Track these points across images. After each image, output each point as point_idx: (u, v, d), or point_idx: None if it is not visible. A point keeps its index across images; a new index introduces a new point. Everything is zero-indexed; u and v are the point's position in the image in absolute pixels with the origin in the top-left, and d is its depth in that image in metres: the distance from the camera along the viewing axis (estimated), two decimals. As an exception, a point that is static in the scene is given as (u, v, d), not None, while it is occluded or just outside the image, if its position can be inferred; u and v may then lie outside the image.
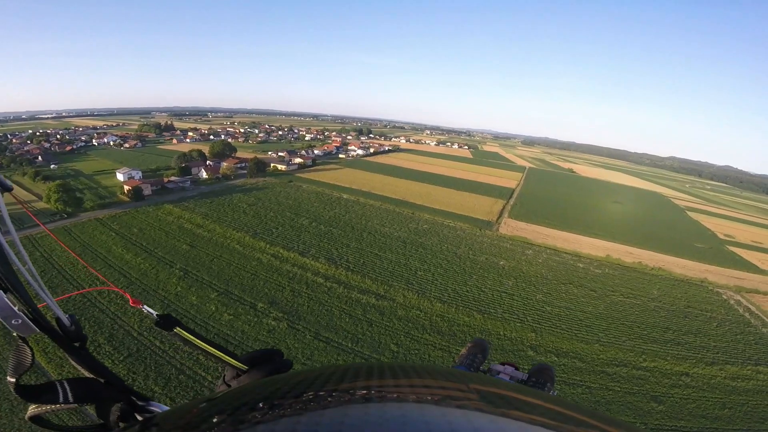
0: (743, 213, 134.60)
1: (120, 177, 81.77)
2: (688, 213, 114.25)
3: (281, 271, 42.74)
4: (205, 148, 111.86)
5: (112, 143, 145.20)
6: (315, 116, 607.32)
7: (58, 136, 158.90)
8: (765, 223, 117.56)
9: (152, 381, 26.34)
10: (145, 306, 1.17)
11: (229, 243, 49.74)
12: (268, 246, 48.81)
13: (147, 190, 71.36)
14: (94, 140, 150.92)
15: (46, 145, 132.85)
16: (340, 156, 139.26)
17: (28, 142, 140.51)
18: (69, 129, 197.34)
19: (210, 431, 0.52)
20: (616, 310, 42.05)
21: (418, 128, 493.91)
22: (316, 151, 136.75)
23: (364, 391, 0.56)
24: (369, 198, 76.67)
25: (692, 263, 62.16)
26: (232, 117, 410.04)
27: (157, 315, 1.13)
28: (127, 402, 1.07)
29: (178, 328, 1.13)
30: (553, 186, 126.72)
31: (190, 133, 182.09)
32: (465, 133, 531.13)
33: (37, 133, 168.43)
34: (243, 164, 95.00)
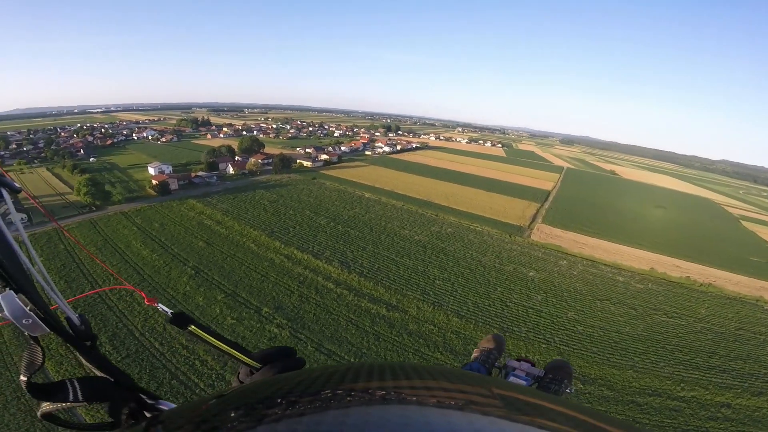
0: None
1: (151, 171, 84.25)
2: (743, 222, 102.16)
3: (292, 273, 41.06)
4: (236, 144, 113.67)
5: (150, 137, 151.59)
6: (347, 113, 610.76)
7: (102, 130, 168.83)
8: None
9: (144, 384, 25.30)
10: (160, 304, 1.18)
11: (244, 241, 48.86)
12: (282, 246, 47.40)
13: (174, 185, 72.65)
14: (134, 134, 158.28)
15: (90, 138, 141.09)
16: (367, 153, 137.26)
17: (75, 135, 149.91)
18: (114, 123, 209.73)
19: (217, 428, 0.51)
20: (657, 331, 37.36)
21: (450, 126, 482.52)
22: (342, 148, 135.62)
23: (374, 392, 0.55)
24: (391, 198, 73.89)
25: (746, 279, 55.16)
26: (267, 113, 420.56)
27: (171, 313, 1.14)
28: (137, 401, 1.08)
29: (192, 326, 1.13)
30: (593, 189, 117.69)
31: (225, 129, 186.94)
32: (499, 130, 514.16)
33: (84, 127, 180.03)
34: (270, 160, 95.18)
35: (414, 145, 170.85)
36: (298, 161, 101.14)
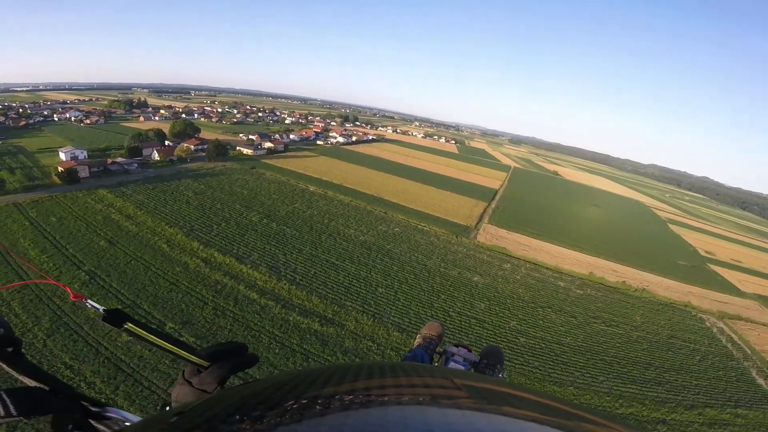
0: (721, 228, 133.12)
1: (62, 156, 71.49)
2: (670, 226, 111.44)
3: (208, 281, 35.11)
4: (168, 128, 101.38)
5: (73, 119, 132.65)
6: (303, 100, 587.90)
7: (21, 110, 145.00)
8: (742, 240, 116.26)
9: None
10: (88, 301, 1.09)
11: (155, 241, 41.64)
12: (201, 247, 40.95)
13: (84, 172, 61.85)
14: (55, 115, 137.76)
15: (2, 119, 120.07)
16: (318, 143, 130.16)
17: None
18: (36, 103, 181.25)
19: None
20: (597, 341, 36.97)
21: (408, 119, 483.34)
22: (292, 136, 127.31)
23: (342, 397, 0.52)
24: (339, 192, 69.05)
25: (676, 284, 58.60)
26: (216, 96, 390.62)
27: (104, 310, 1.02)
28: (80, 409, 0.97)
29: (128, 324, 1.01)
30: (538, 189, 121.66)
31: (162, 111, 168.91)
32: (454, 127, 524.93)
33: (0, 107, 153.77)
34: (204, 146, 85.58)
35: (370, 137, 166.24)
36: (237, 148, 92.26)
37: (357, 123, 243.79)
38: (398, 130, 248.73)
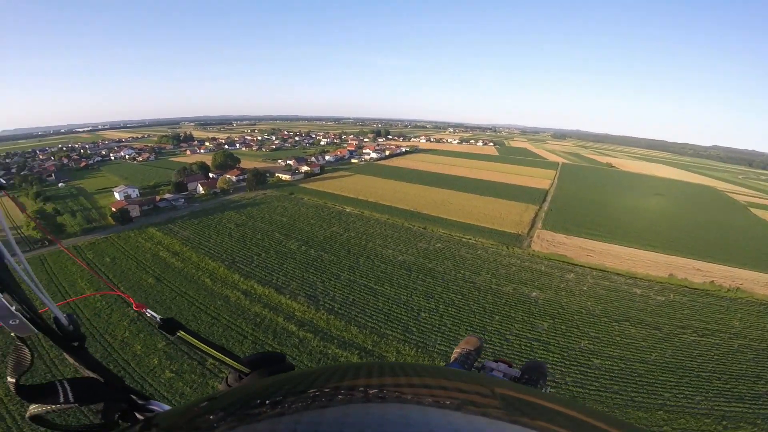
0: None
1: (117, 196, 77.25)
2: (753, 210, 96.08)
3: (248, 314, 34.21)
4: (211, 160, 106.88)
5: (127, 157, 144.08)
6: (337, 120, 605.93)
7: (82, 151, 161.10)
8: None
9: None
10: (149, 310, 1.19)
11: (199, 276, 42.00)
12: (241, 279, 40.55)
13: (135, 212, 65.70)
14: (112, 154, 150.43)
15: (65, 161, 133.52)
16: (353, 161, 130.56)
17: (52, 158, 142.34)
18: (95, 143, 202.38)
19: (210, 431, 0.51)
20: (689, 355, 31.21)
21: (441, 126, 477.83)
22: (327, 157, 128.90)
23: (366, 391, 0.54)
24: (375, 210, 67.08)
25: None
26: (255, 124, 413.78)
27: (160, 319, 1.14)
28: (127, 401, 1.07)
29: (181, 332, 1.13)
30: (593, 184, 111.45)
31: (207, 143, 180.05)
32: (491, 129, 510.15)
33: (64, 148, 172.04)
34: (244, 176, 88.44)
35: (403, 149, 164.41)
36: (276, 175, 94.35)
37: (389, 137, 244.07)
38: (432, 139, 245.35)
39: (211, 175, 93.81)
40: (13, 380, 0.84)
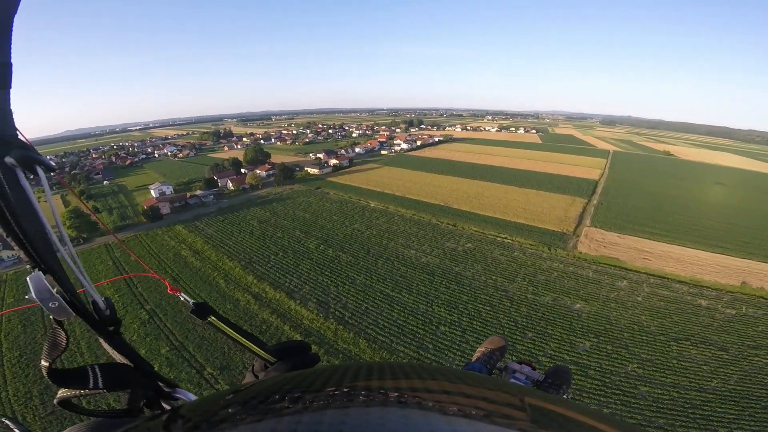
0: None
1: (152, 193, 79.77)
2: None
3: (255, 320, 32.12)
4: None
5: (169, 154, 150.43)
6: (371, 111, 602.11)
7: (131, 149, 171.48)
8: None
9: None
10: (182, 294, 1.18)
11: (214, 277, 40.78)
12: (255, 281, 38.67)
13: (165, 209, 66.86)
14: (156, 152, 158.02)
15: (113, 159, 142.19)
16: (383, 152, 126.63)
17: (102, 157, 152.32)
18: (144, 141, 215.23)
19: (234, 424, 0.51)
20: (758, 382, 25.47)
21: (479, 114, 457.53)
22: (357, 149, 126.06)
23: (387, 394, 0.54)
24: (400, 205, 63.02)
25: None
26: (293, 119, 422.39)
27: (193, 303, 1.13)
28: (155, 388, 1.08)
29: (212, 317, 1.13)
30: (650, 174, 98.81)
31: (244, 139, 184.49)
32: (533, 116, 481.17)
33: (115, 147, 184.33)
34: (274, 171, 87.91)
35: (436, 139, 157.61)
36: (305, 169, 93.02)
37: (422, 126, 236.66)
38: (468, 128, 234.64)
39: (243, 170, 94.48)
40: (47, 363, 0.83)
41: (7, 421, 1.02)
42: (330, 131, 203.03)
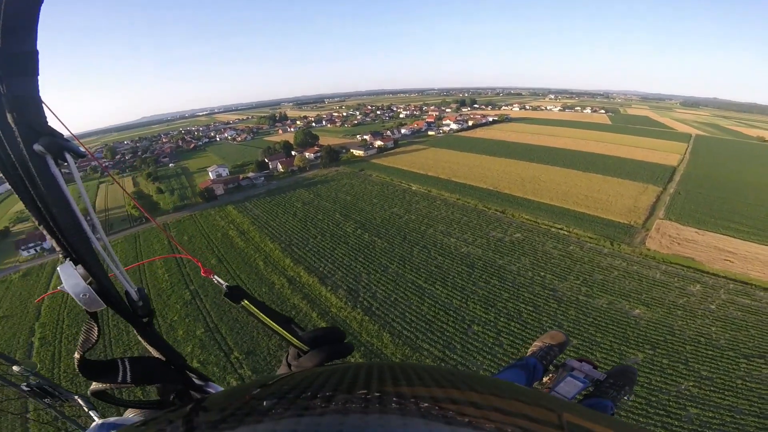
0: None
1: (210, 175, 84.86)
2: None
3: (286, 305, 32.45)
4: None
5: (229, 138, 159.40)
6: (421, 92, 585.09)
7: (196, 134, 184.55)
8: None
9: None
10: (216, 276, 1.14)
11: (255, 258, 42.07)
12: (292, 264, 39.17)
13: (219, 190, 70.73)
14: (217, 136, 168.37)
15: (180, 143, 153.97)
16: (430, 133, 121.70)
17: (170, 141, 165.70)
18: (209, 125, 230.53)
19: (256, 419, 0.50)
20: None
21: (540, 94, 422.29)
22: (403, 131, 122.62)
23: (417, 403, 0.51)
24: (444, 189, 60.01)
25: None
26: (344, 101, 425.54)
27: (226, 286, 1.09)
28: (187, 381, 1.07)
29: (245, 301, 1.07)
30: (740, 162, 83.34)
31: (297, 122, 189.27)
32: (602, 95, 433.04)
33: (183, 131, 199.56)
34: (320, 153, 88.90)
35: (490, 119, 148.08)
36: (350, 151, 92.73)
37: (475, 106, 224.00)
38: (527, 107, 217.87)
39: (293, 153, 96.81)
40: (79, 356, 0.82)
41: (79, 399, 0.98)
42: (378, 113, 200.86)
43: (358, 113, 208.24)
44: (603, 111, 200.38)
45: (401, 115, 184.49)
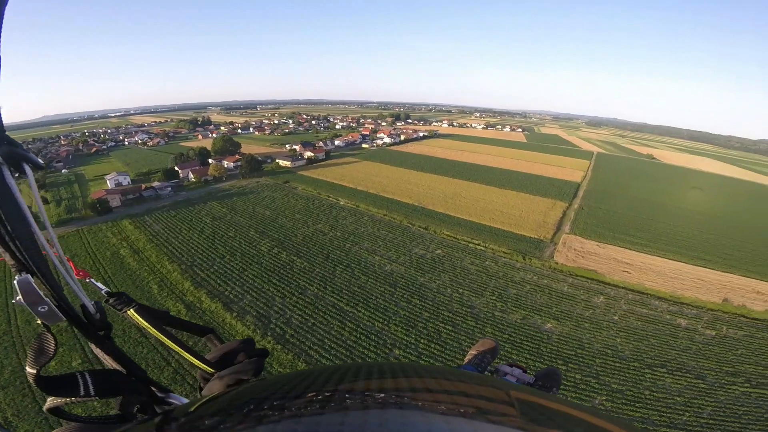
0: None
1: (108, 183, 73.42)
2: None
3: (180, 334, 27.25)
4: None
5: (140, 142, 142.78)
6: (360, 104, 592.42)
7: (103, 136, 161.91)
8: None
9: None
10: (91, 279, 1.07)
11: (149, 282, 35.87)
12: (191, 288, 33.97)
13: (115, 201, 60.98)
14: (126, 139, 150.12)
15: (81, 146, 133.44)
16: (364, 146, 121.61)
17: (70, 144, 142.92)
18: (119, 128, 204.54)
19: (227, 427, 0.50)
20: (732, 414, 23.29)
21: (467, 111, 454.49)
22: (337, 142, 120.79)
23: (375, 394, 0.53)
24: (372, 204, 58.70)
25: None
26: (279, 108, 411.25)
27: (106, 292, 1.01)
28: (148, 394, 1.04)
29: (131, 311, 0.99)
30: (632, 178, 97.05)
31: (222, 128, 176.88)
32: (520, 114, 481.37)
33: (87, 134, 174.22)
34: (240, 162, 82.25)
35: (421, 134, 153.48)
36: (276, 161, 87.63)
37: (409, 121, 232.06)
38: (455, 124, 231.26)
39: (210, 161, 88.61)
40: (34, 371, 0.78)
41: None
42: (313, 122, 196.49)
43: (291, 122, 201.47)
44: (520, 129, 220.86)
45: (337, 126, 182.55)
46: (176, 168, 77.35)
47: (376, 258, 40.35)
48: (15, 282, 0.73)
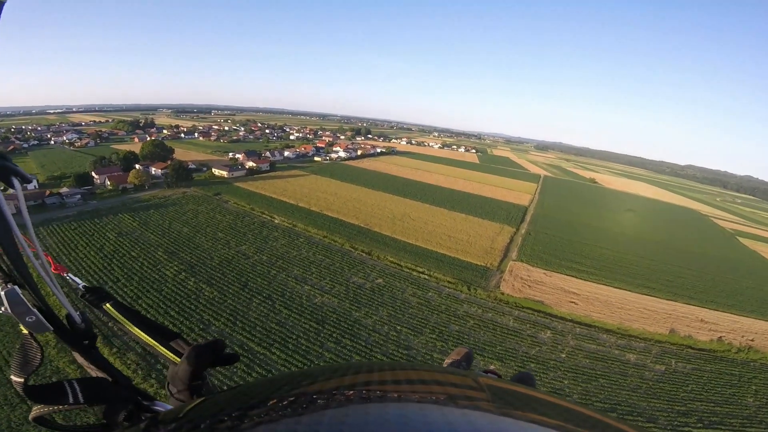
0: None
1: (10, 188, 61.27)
2: (740, 240, 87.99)
3: (42, 376, 19.76)
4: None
5: (67, 142, 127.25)
6: (323, 116, 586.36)
7: (28, 134, 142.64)
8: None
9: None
10: (69, 274, 1.07)
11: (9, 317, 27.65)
12: (57, 330, 26.52)
13: (9, 209, 50.08)
14: (53, 138, 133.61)
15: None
16: (316, 159, 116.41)
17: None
18: (52, 125, 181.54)
19: (216, 429, 0.50)
20: None
21: (427, 130, 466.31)
22: (286, 153, 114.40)
23: (363, 391, 0.54)
24: (312, 224, 53.40)
25: None
26: (234, 114, 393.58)
27: (83, 286, 1.03)
28: (134, 402, 1.04)
29: (108, 305, 1.02)
30: (577, 202, 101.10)
31: (164, 131, 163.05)
32: (476, 136, 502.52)
33: (12, 130, 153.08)
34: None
35: (378, 150, 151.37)
36: (211, 170, 79.67)
37: (369, 136, 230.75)
38: (413, 142, 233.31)
39: (137, 166, 78.41)
40: (21, 380, 0.79)
41: None
42: (267, 131, 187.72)
43: (243, 129, 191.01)
44: (474, 150, 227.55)
45: (292, 137, 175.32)
46: (93, 173, 67.05)
47: (305, 288, 35.16)
48: (2, 293, 0.74)
